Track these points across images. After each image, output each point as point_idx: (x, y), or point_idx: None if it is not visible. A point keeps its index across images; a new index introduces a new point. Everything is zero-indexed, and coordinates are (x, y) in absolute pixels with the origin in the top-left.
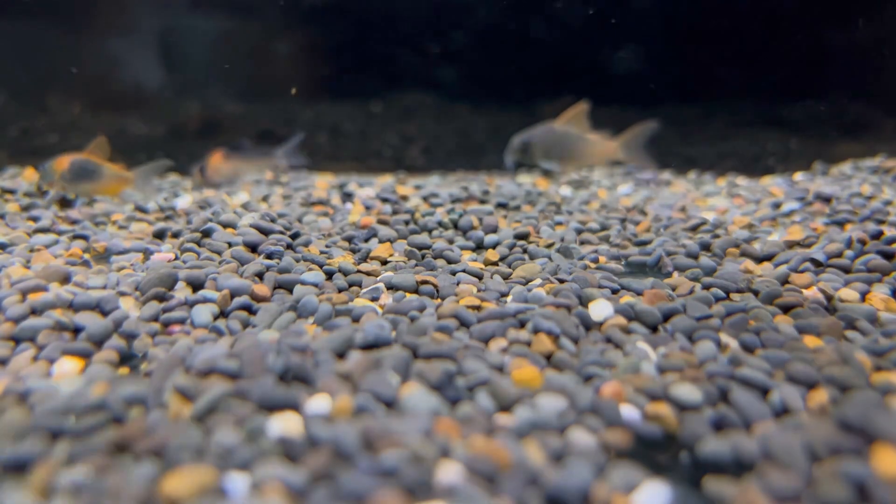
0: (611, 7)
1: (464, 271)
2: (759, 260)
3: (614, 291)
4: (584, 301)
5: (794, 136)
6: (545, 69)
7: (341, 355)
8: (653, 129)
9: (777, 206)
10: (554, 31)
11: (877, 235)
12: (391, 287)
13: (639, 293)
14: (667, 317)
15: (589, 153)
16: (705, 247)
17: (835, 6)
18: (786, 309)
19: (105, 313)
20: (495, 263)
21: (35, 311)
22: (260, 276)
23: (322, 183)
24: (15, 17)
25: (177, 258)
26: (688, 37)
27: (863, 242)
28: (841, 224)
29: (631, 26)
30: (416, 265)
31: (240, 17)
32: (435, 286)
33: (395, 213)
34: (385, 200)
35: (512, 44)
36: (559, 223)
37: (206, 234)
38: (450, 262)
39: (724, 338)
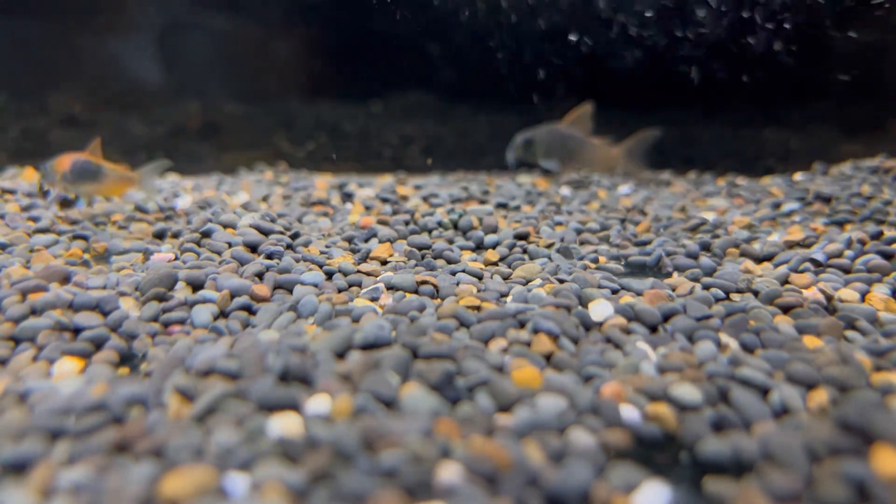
0: (611, 8)
1: (464, 271)
2: (759, 260)
3: (614, 291)
4: (583, 301)
5: (794, 136)
6: (546, 70)
7: (341, 355)
8: (655, 138)
9: (777, 206)
10: (555, 32)
11: (877, 236)
12: (391, 287)
13: (639, 293)
14: (667, 317)
15: (590, 157)
16: (705, 247)
17: (836, 6)
18: (786, 309)
19: (105, 313)
20: (495, 263)
21: (35, 312)
22: (260, 276)
23: (322, 183)
24: (15, 16)
25: (177, 258)
26: (687, 37)
27: (862, 243)
28: (841, 224)
29: (630, 28)
30: (416, 265)
31: (240, 17)
32: (435, 286)
33: (395, 213)
34: (385, 201)
35: (513, 44)
36: (559, 223)
37: (206, 234)
38: (450, 262)
39: (724, 338)
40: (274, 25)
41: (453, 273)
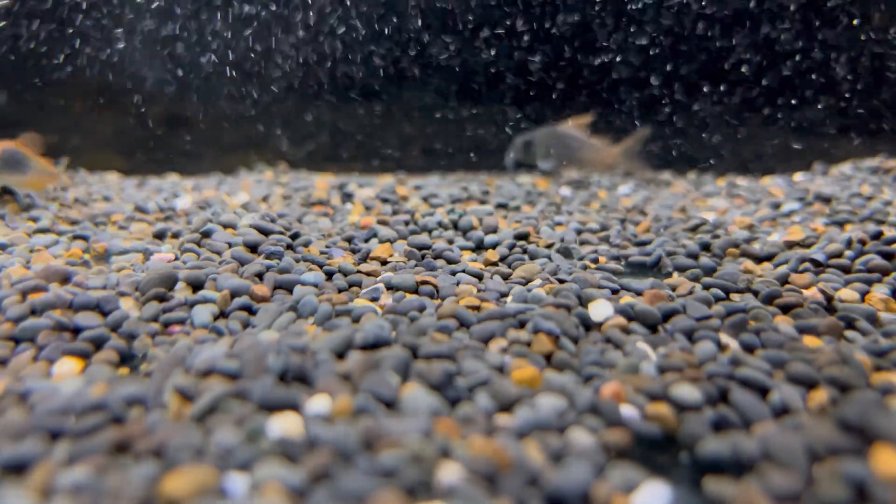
0: (610, 9)
1: (464, 271)
2: (759, 260)
3: (614, 292)
4: (583, 301)
5: (794, 136)
6: (548, 71)
7: (341, 355)
8: (649, 135)
9: (777, 206)
10: (556, 34)
11: (876, 236)
12: (391, 287)
13: (639, 293)
14: (667, 317)
15: (590, 157)
16: (705, 247)
17: (836, 6)
18: (786, 309)
19: (105, 313)
20: (495, 264)
21: (35, 312)
22: (260, 276)
23: (322, 183)
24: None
25: (177, 258)
26: (687, 37)
27: (862, 243)
28: (841, 224)
29: (630, 28)
30: (416, 265)
31: (240, 18)
32: (435, 286)
33: (394, 213)
34: (385, 201)
35: (516, 46)
36: (559, 223)
37: (206, 234)
38: (450, 262)
39: (724, 338)
40: (274, 25)
41: (453, 273)
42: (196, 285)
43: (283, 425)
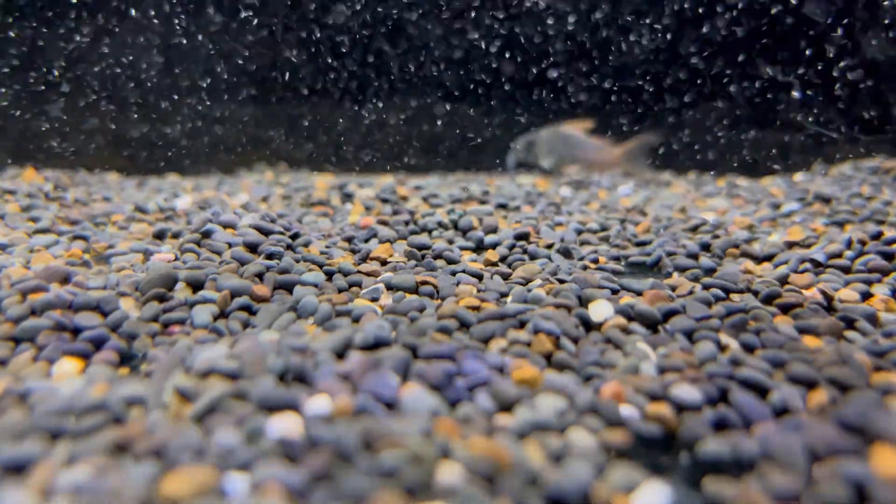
0: (609, 8)
1: (464, 272)
2: (759, 260)
3: (614, 292)
4: (584, 301)
5: (794, 136)
6: (549, 71)
7: (341, 355)
8: (655, 142)
9: (777, 206)
10: (556, 34)
11: (876, 236)
12: (391, 287)
13: (639, 293)
14: (667, 317)
15: (591, 157)
16: (705, 247)
17: (836, 7)
18: (786, 309)
19: (105, 314)
20: (495, 264)
21: (35, 312)
22: (260, 276)
23: (322, 183)
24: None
25: (177, 258)
26: (688, 37)
27: (862, 243)
28: (841, 225)
29: (629, 27)
30: (416, 266)
31: (239, 17)
32: (435, 286)
33: (394, 213)
34: (385, 201)
35: (516, 47)
36: (559, 224)
37: (206, 234)
38: (450, 262)
39: (724, 338)
40: (274, 26)
41: (453, 273)
42: (196, 285)
43: (283, 425)
